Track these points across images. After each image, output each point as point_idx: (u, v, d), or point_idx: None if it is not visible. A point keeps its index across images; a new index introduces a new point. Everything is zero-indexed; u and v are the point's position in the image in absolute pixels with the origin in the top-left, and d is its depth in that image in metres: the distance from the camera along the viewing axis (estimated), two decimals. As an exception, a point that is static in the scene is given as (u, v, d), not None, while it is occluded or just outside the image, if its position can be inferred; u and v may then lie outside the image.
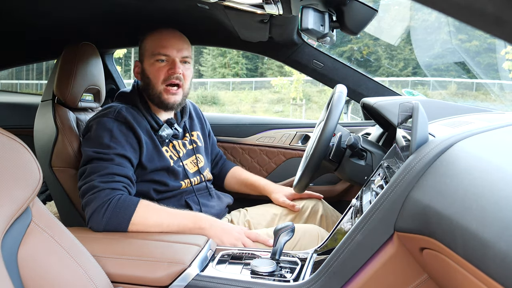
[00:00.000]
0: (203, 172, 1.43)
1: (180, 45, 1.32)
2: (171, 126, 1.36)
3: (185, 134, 1.44)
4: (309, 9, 1.03)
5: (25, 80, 15.16)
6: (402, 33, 2.97)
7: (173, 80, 1.30)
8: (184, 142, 1.40)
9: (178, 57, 1.31)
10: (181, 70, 1.30)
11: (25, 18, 1.52)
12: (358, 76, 1.77)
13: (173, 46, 1.31)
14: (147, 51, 1.33)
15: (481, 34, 7.39)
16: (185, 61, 1.33)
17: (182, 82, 1.32)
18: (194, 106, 1.58)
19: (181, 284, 0.87)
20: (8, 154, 0.69)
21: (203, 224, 1.12)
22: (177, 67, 1.30)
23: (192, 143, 1.43)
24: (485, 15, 0.26)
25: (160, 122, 1.33)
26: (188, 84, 1.36)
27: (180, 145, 1.38)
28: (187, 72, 1.33)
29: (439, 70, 11.24)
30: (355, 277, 0.76)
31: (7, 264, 0.64)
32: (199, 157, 1.44)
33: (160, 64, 1.30)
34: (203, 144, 1.51)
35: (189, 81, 1.35)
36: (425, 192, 0.65)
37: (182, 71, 1.31)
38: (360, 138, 1.22)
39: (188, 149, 1.41)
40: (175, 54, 1.31)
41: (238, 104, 16.59)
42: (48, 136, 1.32)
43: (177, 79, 1.30)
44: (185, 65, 1.33)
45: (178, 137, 1.40)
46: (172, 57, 1.30)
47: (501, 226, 0.44)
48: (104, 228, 1.08)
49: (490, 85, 4.59)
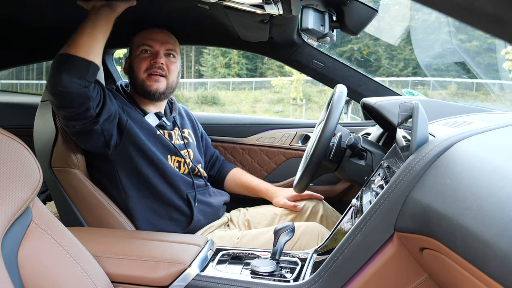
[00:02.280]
0: (197, 165, 1.43)
1: (165, 39, 1.37)
2: (159, 118, 1.38)
3: (174, 128, 1.44)
4: (309, 9, 1.03)
5: (25, 80, 15.17)
6: (402, 33, 2.98)
7: (155, 69, 1.33)
8: (170, 133, 1.40)
9: (162, 49, 1.35)
10: (163, 61, 1.34)
11: (25, 18, 1.52)
12: (358, 76, 1.77)
13: (157, 39, 1.36)
14: (134, 45, 1.39)
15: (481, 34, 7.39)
16: (169, 54, 1.37)
17: (165, 73, 1.35)
18: (185, 109, 1.61)
19: (181, 284, 0.87)
20: (8, 154, 0.69)
21: None
22: (160, 57, 1.34)
23: (183, 139, 1.44)
24: (485, 15, 0.25)
25: (146, 111, 1.36)
26: (174, 77, 1.38)
27: (166, 136, 1.37)
28: (171, 65, 1.37)
29: (439, 70, 11.24)
30: (355, 277, 0.76)
31: (7, 264, 0.64)
32: (190, 152, 1.44)
33: (144, 55, 1.35)
34: (195, 143, 1.51)
35: (174, 75, 1.38)
36: (425, 192, 0.65)
37: (166, 62, 1.35)
38: (360, 138, 1.22)
39: (178, 143, 1.41)
40: (159, 46, 1.35)
41: (238, 104, 16.58)
42: (48, 136, 1.32)
43: (159, 69, 1.33)
44: (170, 58, 1.37)
45: (166, 129, 1.40)
46: (156, 48, 1.35)
47: (501, 226, 0.44)
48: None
49: (490, 85, 4.59)
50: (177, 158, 1.36)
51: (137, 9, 1.44)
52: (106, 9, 1.16)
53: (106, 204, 1.27)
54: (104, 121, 1.20)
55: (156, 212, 1.30)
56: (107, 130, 1.22)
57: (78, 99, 1.11)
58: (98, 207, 1.27)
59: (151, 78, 1.33)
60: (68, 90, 1.09)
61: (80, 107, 1.13)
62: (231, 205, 1.52)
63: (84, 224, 1.29)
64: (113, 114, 1.22)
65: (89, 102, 1.13)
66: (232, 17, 1.31)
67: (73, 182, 1.28)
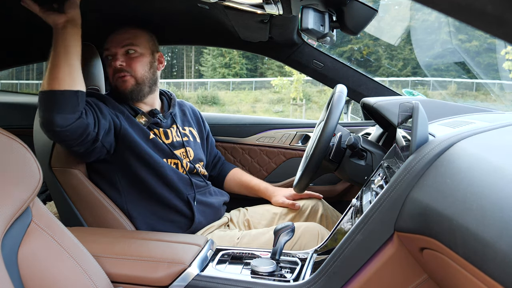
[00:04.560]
0: (195, 164, 1.42)
1: (121, 37, 1.35)
2: (154, 116, 1.38)
3: (172, 125, 1.43)
4: (309, 9, 1.03)
5: (25, 80, 15.17)
6: (402, 33, 2.97)
7: (117, 74, 1.34)
8: (166, 131, 1.38)
9: (118, 49, 1.34)
10: (119, 62, 1.33)
11: (25, 19, 1.52)
12: (358, 76, 1.77)
13: (113, 41, 1.35)
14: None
15: (481, 34, 7.39)
16: (128, 50, 1.35)
17: (128, 72, 1.34)
18: (192, 107, 1.60)
19: (181, 284, 0.87)
20: (8, 154, 0.69)
21: None
22: (116, 60, 1.33)
23: (183, 136, 1.42)
24: (485, 15, 0.26)
25: (139, 110, 1.36)
26: (141, 71, 1.35)
27: (161, 133, 1.37)
28: (132, 61, 1.34)
29: (439, 70, 11.25)
30: (355, 277, 0.76)
31: (7, 264, 0.64)
32: (189, 150, 1.42)
33: (109, 61, 1.36)
34: (199, 141, 1.51)
35: (140, 68, 1.35)
36: (425, 192, 0.65)
37: (124, 61, 1.33)
38: (360, 138, 1.22)
39: (177, 140, 1.40)
40: (115, 48, 1.34)
41: (238, 104, 16.59)
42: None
43: (120, 72, 1.33)
44: (130, 55, 1.35)
45: (161, 126, 1.39)
46: (113, 51, 1.35)
47: (501, 226, 0.44)
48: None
49: (490, 85, 4.59)
50: (174, 161, 1.35)
51: (137, 10, 1.44)
52: (69, 27, 1.13)
53: (106, 204, 1.27)
54: (103, 136, 1.21)
55: (156, 214, 1.30)
56: (108, 141, 1.24)
57: (76, 131, 1.13)
58: (98, 207, 1.27)
59: (117, 79, 1.34)
60: (64, 128, 1.10)
61: (80, 137, 1.15)
62: (231, 205, 1.52)
63: (84, 224, 1.29)
64: (108, 126, 1.23)
65: (88, 129, 1.15)
66: (232, 17, 1.31)
67: (73, 182, 1.28)
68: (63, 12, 1.13)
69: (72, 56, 1.13)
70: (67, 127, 1.10)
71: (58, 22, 1.13)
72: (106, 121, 1.22)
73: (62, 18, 1.13)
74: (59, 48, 1.12)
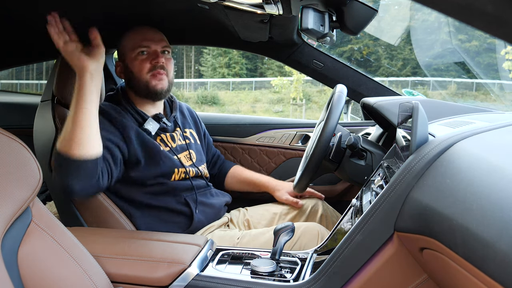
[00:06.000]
0: (199, 166, 1.42)
1: (158, 36, 1.36)
2: (159, 120, 1.36)
3: (176, 128, 1.43)
4: (309, 9, 1.03)
5: (25, 80, 15.17)
6: (402, 33, 2.97)
7: (158, 70, 1.32)
8: (172, 135, 1.39)
9: (158, 47, 1.34)
10: (163, 60, 1.33)
11: (25, 19, 1.52)
12: (358, 76, 1.77)
13: (152, 38, 1.34)
14: (127, 47, 1.35)
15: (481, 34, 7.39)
16: (165, 51, 1.36)
17: (166, 71, 1.34)
18: (188, 107, 1.60)
19: (181, 284, 0.87)
20: (8, 154, 0.69)
21: None
22: (160, 56, 1.33)
23: (185, 139, 1.43)
24: (485, 15, 0.26)
25: (146, 116, 1.34)
26: (172, 75, 1.38)
27: (169, 138, 1.37)
28: (169, 62, 1.36)
29: (439, 70, 11.25)
30: (355, 277, 0.76)
31: (7, 264, 0.64)
32: (191, 153, 1.43)
33: (142, 57, 1.33)
34: (199, 142, 1.51)
35: (171, 72, 1.38)
36: (425, 192, 0.65)
37: (164, 61, 1.34)
38: (360, 138, 1.22)
39: (180, 144, 1.40)
40: (156, 46, 1.34)
41: (238, 104, 16.59)
42: (48, 136, 1.32)
43: (161, 69, 1.33)
44: (166, 55, 1.36)
45: (167, 131, 1.39)
46: (153, 48, 1.33)
47: (501, 226, 0.44)
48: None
49: (490, 85, 4.59)
50: (183, 170, 1.35)
51: (137, 10, 1.44)
52: (88, 78, 1.08)
53: (106, 204, 1.27)
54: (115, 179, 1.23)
55: (156, 215, 1.30)
56: (119, 171, 1.24)
57: (93, 193, 1.17)
58: (98, 207, 1.27)
59: (155, 78, 1.32)
60: (82, 194, 1.11)
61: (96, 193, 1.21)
62: (231, 205, 1.52)
63: (84, 224, 1.29)
64: (119, 169, 1.23)
65: (103, 188, 1.17)
66: (232, 17, 1.31)
67: (73, 182, 1.28)
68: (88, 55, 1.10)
69: (93, 118, 1.09)
70: (84, 194, 1.12)
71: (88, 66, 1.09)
72: (117, 167, 1.22)
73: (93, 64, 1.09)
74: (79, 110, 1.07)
